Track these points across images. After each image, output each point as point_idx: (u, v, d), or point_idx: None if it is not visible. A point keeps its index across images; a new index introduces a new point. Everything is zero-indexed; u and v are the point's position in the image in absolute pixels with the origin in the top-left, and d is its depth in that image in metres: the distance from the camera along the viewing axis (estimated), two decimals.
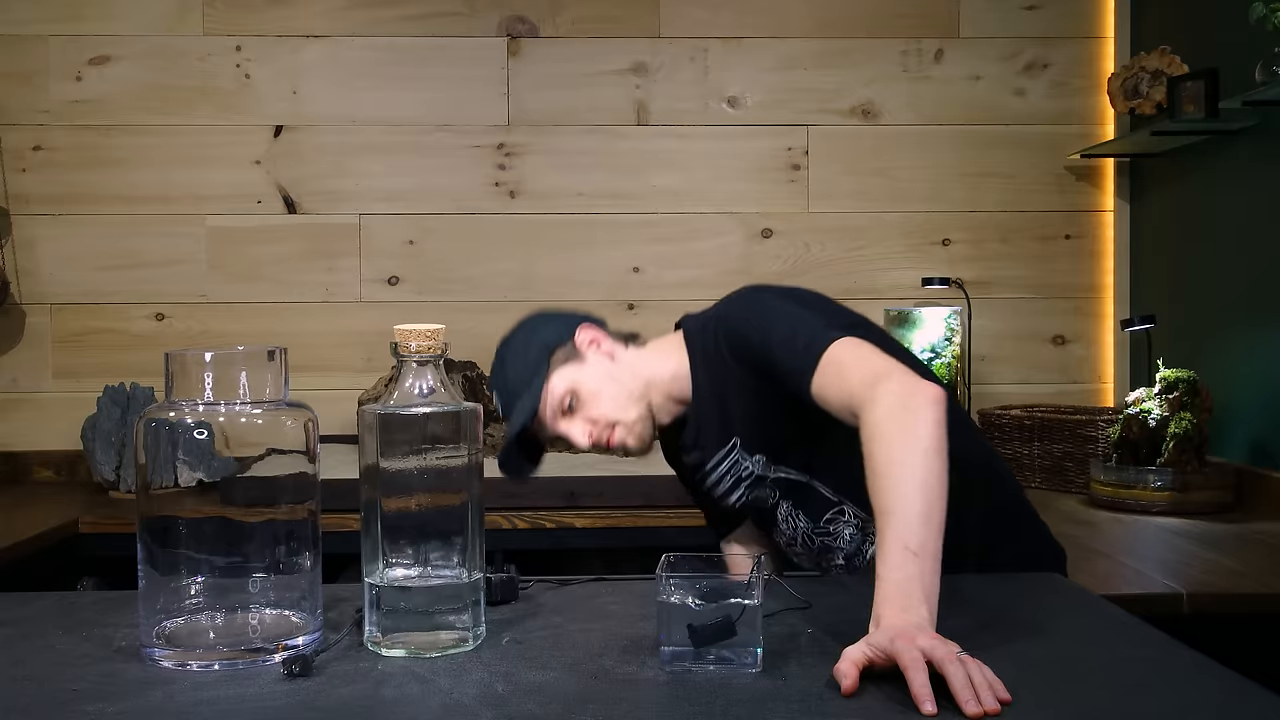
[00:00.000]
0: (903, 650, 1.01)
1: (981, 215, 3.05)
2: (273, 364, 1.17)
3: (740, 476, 1.58)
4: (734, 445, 1.56)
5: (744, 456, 1.56)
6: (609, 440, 1.54)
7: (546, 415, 1.54)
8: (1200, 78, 2.49)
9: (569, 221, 3.01)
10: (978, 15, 3.03)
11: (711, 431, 1.57)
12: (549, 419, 1.54)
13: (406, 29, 3.00)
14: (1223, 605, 1.72)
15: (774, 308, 1.49)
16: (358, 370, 2.98)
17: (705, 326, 1.55)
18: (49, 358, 2.96)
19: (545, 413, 1.54)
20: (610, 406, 1.53)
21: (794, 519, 1.59)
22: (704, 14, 3.02)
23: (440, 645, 1.14)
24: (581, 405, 1.53)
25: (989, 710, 0.96)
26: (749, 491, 1.58)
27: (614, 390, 1.54)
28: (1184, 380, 2.37)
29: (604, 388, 1.54)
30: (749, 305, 1.52)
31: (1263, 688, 1.02)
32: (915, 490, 1.18)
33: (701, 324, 1.57)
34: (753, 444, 1.55)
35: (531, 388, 1.53)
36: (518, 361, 1.57)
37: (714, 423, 1.56)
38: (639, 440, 1.55)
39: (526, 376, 1.54)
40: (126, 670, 1.10)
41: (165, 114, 2.97)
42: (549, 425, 1.55)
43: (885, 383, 1.29)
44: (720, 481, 1.60)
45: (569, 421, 1.54)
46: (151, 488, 1.13)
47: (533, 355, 1.56)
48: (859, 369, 1.35)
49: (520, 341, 1.60)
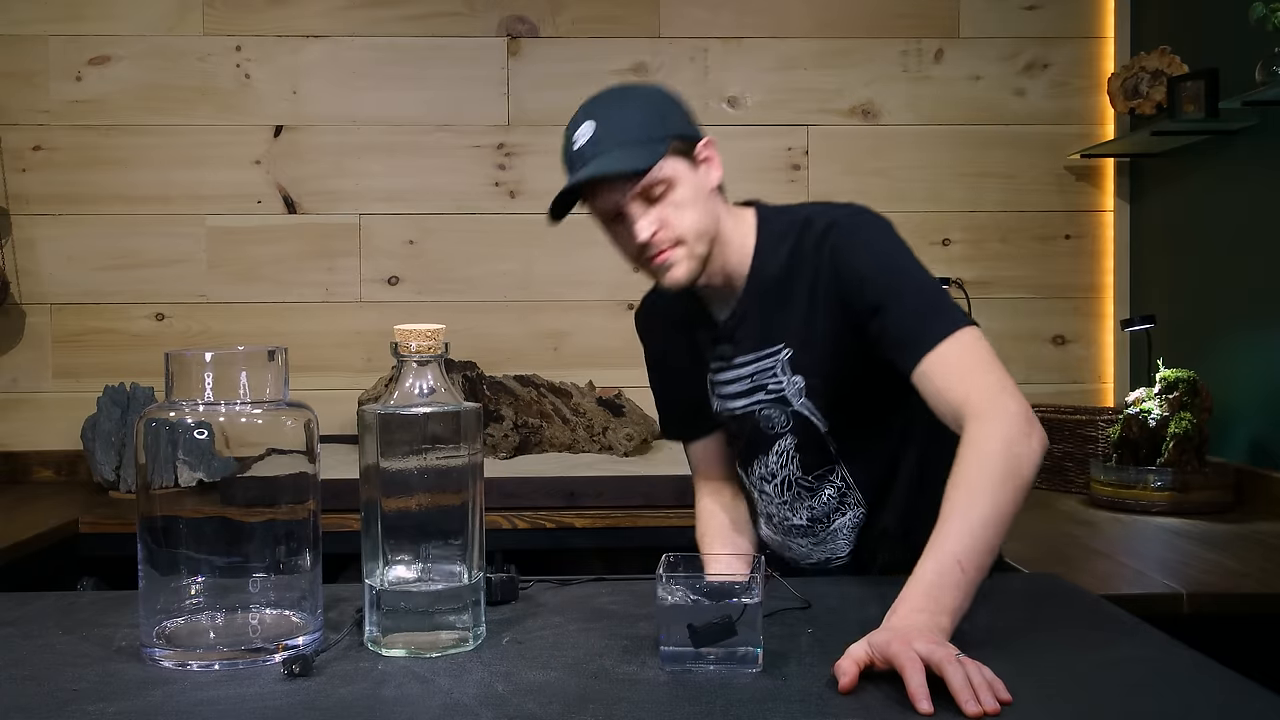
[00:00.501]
0: (899, 653, 1.01)
1: (981, 215, 3.05)
2: (273, 364, 1.17)
3: (764, 386, 1.49)
4: (779, 352, 1.47)
5: (784, 370, 1.47)
6: (663, 251, 1.41)
7: (629, 185, 1.38)
8: (1200, 78, 2.49)
9: (569, 221, 2.95)
10: (978, 15, 3.03)
11: (758, 328, 1.48)
12: (629, 186, 1.39)
13: (406, 29, 3.00)
14: (1223, 605, 1.72)
15: (901, 255, 1.40)
16: (358, 370, 2.99)
17: (808, 223, 1.44)
18: (49, 358, 2.96)
19: (629, 183, 1.38)
20: (688, 223, 1.40)
21: (789, 457, 1.52)
22: (704, 14, 3.02)
23: (440, 645, 1.14)
24: (664, 204, 1.40)
25: (989, 710, 0.96)
26: (763, 407, 1.50)
27: (699, 214, 1.41)
28: (1184, 380, 2.37)
29: (695, 205, 1.41)
30: (874, 234, 1.42)
31: (1263, 688, 1.02)
32: (989, 519, 1.17)
33: (800, 219, 1.46)
34: (801, 365, 1.46)
35: (646, 147, 1.37)
36: (641, 114, 1.40)
37: (767, 320, 1.47)
38: (686, 272, 1.43)
39: (641, 134, 1.39)
40: (126, 670, 1.10)
41: (165, 114, 2.97)
42: (623, 196, 1.39)
43: (1007, 403, 1.27)
44: (737, 381, 1.51)
45: (643, 207, 1.40)
46: (151, 488, 1.14)
47: (661, 121, 1.41)
48: (981, 374, 1.30)
49: (655, 100, 1.44)
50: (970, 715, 0.95)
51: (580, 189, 1.41)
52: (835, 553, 1.56)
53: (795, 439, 1.50)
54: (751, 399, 1.51)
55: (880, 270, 1.38)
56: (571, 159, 1.42)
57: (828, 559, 1.56)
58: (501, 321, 3.02)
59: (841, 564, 1.56)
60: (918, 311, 1.35)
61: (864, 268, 1.38)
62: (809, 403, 1.47)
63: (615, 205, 1.41)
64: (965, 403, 1.28)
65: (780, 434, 1.51)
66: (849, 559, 1.55)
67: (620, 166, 1.36)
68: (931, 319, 1.34)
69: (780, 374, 1.48)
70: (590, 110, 1.43)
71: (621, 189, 1.39)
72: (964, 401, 1.28)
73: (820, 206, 1.48)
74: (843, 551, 1.55)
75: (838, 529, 1.54)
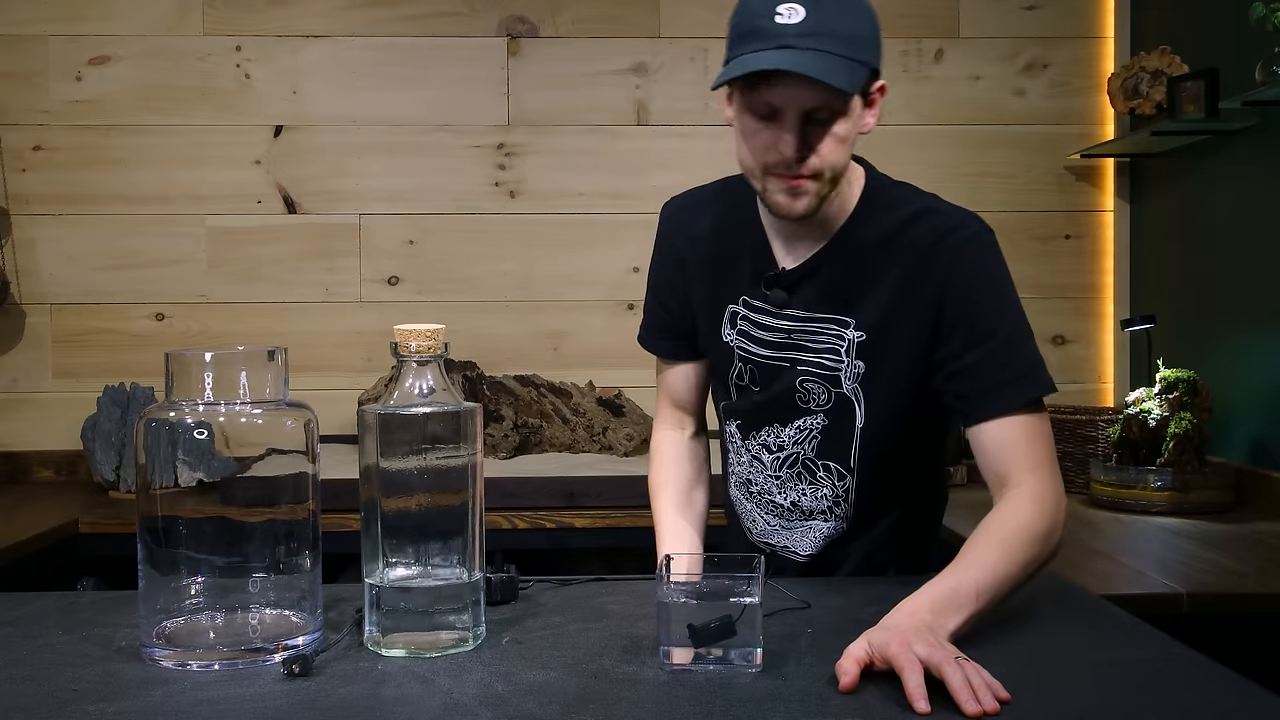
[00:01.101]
0: (897, 654, 1.02)
1: (981, 215, 3.04)
2: (273, 364, 1.17)
3: (807, 349, 1.40)
4: (846, 330, 1.38)
5: (848, 352, 1.38)
6: (800, 176, 1.29)
7: (815, 99, 1.25)
8: (1200, 78, 2.49)
9: (569, 221, 3.01)
10: (978, 15, 3.03)
11: (826, 290, 1.39)
12: (814, 100, 1.25)
13: (406, 29, 3.00)
14: (1223, 605, 1.72)
15: (1013, 295, 1.36)
16: (358, 370, 2.99)
17: (928, 213, 1.38)
18: (49, 358, 2.96)
19: (817, 97, 1.25)
20: (836, 160, 1.30)
21: (810, 438, 1.44)
22: (704, 14, 3.02)
23: (440, 645, 1.14)
24: (826, 131, 1.28)
25: (988, 710, 0.96)
26: (806, 379, 1.41)
27: (845, 154, 1.32)
28: (1184, 380, 2.37)
29: (847, 144, 1.31)
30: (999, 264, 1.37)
31: (1263, 688, 1.02)
32: (1017, 568, 1.21)
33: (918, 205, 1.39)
34: (868, 353, 1.38)
35: (853, 67, 1.24)
36: (860, 28, 1.27)
37: (839, 287, 1.38)
38: (807, 206, 1.32)
39: (854, 50, 1.25)
40: (126, 670, 1.10)
41: (165, 114, 2.97)
42: (799, 102, 1.25)
43: (1051, 482, 1.30)
44: (774, 331, 1.42)
45: (806, 124, 1.27)
46: (151, 488, 1.13)
47: (872, 44, 1.29)
48: (1037, 450, 1.31)
49: (873, 20, 1.31)
50: (970, 715, 0.95)
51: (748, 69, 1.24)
52: (795, 548, 1.51)
53: (826, 421, 1.42)
54: (780, 355, 1.42)
55: (995, 308, 1.34)
56: (765, 31, 1.24)
57: (785, 547, 1.52)
58: (501, 321, 3.02)
59: (798, 561, 1.51)
60: (1013, 368, 1.32)
61: (982, 296, 1.34)
62: (860, 389, 1.40)
63: (781, 106, 1.26)
64: (1013, 470, 1.30)
65: (814, 411, 1.43)
66: (807, 560, 1.51)
67: (829, 78, 1.21)
68: (1022, 381, 1.32)
69: (844, 353, 1.39)
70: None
71: (804, 96, 1.24)
72: (1010, 468, 1.30)
73: (940, 202, 1.41)
74: (804, 551, 1.51)
75: (811, 529, 1.50)
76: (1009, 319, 1.35)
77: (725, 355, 1.49)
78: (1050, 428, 1.36)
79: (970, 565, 1.18)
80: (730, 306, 1.47)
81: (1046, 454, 1.32)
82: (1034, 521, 1.25)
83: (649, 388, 1.76)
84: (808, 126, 1.28)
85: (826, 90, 1.23)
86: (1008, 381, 1.32)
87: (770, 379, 1.44)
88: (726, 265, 1.47)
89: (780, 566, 1.52)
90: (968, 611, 1.14)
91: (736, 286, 1.46)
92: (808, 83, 1.22)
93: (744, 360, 1.46)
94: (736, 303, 1.46)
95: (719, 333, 1.48)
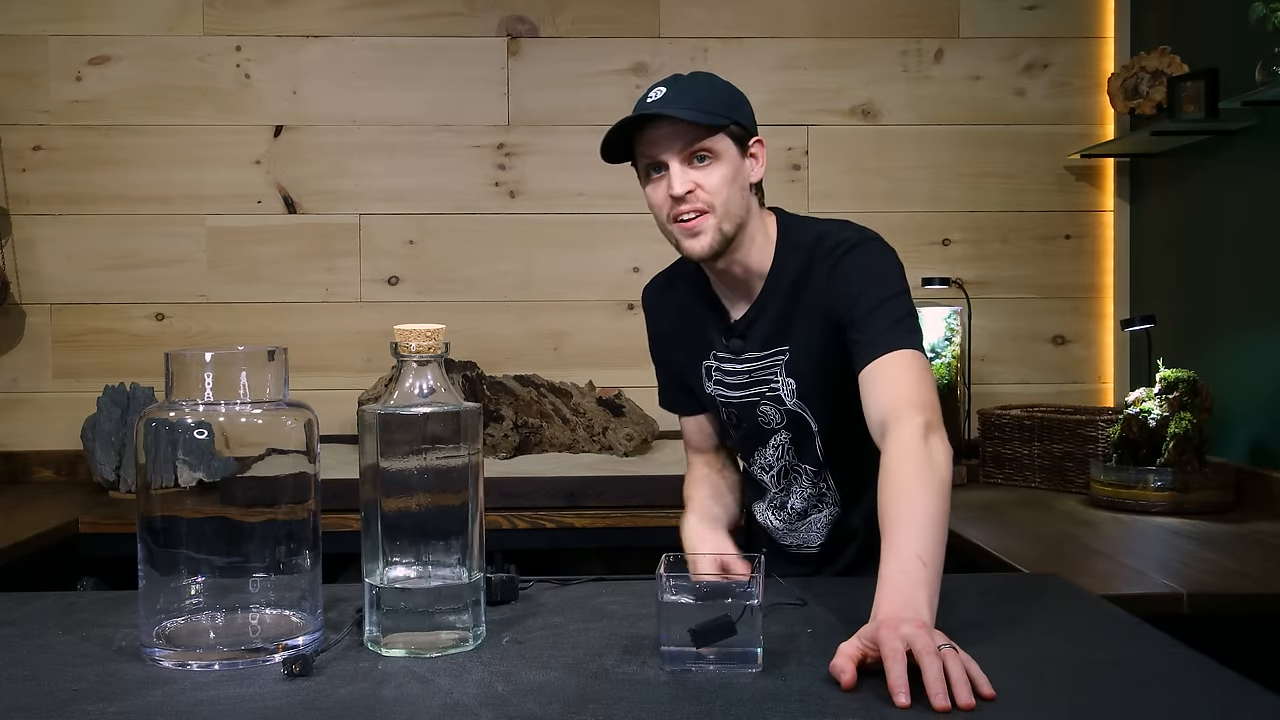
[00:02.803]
0: (886, 639, 1.03)
1: (981, 215, 3.05)
2: (273, 364, 1.17)
3: (765, 383, 1.58)
4: (780, 354, 1.56)
5: (781, 373, 1.56)
6: (692, 211, 1.47)
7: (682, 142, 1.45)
8: (1200, 78, 2.49)
9: (569, 221, 3.01)
10: (978, 15, 3.03)
11: (768, 329, 1.56)
12: (682, 143, 1.45)
13: (406, 29, 3.00)
14: (1223, 605, 1.72)
15: (894, 280, 1.48)
16: (358, 370, 2.99)
17: (822, 238, 1.53)
18: (49, 358, 2.96)
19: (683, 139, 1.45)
20: (722, 197, 1.47)
21: (785, 450, 1.63)
22: (704, 14, 3.02)
23: (440, 645, 1.14)
24: (705, 172, 1.46)
25: (962, 705, 0.96)
26: (761, 403, 1.59)
27: (733, 195, 1.48)
28: (1184, 380, 2.37)
29: (732, 186, 1.48)
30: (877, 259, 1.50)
31: (1263, 688, 1.02)
32: (933, 515, 1.22)
33: (816, 233, 1.54)
34: (795, 369, 1.55)
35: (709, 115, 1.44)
36: (713, 91, 1.48)
37: (775, 323, 1.55)
38: (709, 243, 1.48)
39: (708, 105, 1.45)
40: (126, 670, 1.10)
41: (165, 114, 2.97)
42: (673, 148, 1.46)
43: (927, 416, 1.33)
44: (737, 375, 1.60)
45: (685, 167, 1.46)
46: (151, 488, 1.14)
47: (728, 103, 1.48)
48: (916, 388, 1.37)
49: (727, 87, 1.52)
50: (936, 708, 0.96)
51: (634, 136, 1.48)
52: (808, 543, 1.69)
53: (790, 434, 1.61)
54: (747, 392, 1.60)
55: (871, 288, 1.46)
56: (637, 108, 1.48)
57: (801, 544, 1.70)
58: (501, 321, 3.02)
59: (813, 554, 1.70)
60: (886, 324, 1.43)
61: (860, 284, 1.47)
62: (801, 403, 1.58)
63: (662, 155, 1.46)
64: (892, 408, 1.36)
65: (776, 429, 1.61)
66: (818, 551, 1.69)
67: (684, 115, 1.42)
68: (896, 332, 1.42)
69: (778, 375, 1.57)
70: (669, 80, 1.50)
71: (673, 141, 1.45)
72: (890, 406, 1.36)
73: (836, 225, 1.56)
74: (815, 543, 1.68)
75: (812, 523, 1.67)
76: (888, 296, 1.46)
77: (713, 405, 1.69)
78: (929, 370, 1.43)
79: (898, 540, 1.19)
80: (705, 363, 1.65)
81: (920, 391, 1.37)
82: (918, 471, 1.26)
83: (649, 388, 1.82)
84: (689, 171, 1.46)
85: (687, 129, 1.44)
86: (882, 333, 1.42)
87: (743, 415, 1.64)
88: (696, 330, 1.66)
89: (800, 560, 1.70)
90: (927, 582, 1.14)
91: (706, 345, 1.64)
92: (669, 125, 1.44)
93: (724, 405, 1.65)
94: (709, 358, 1.64)
95: (703, 387, 1.67)
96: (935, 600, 1.14)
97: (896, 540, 1.19)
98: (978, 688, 0.99)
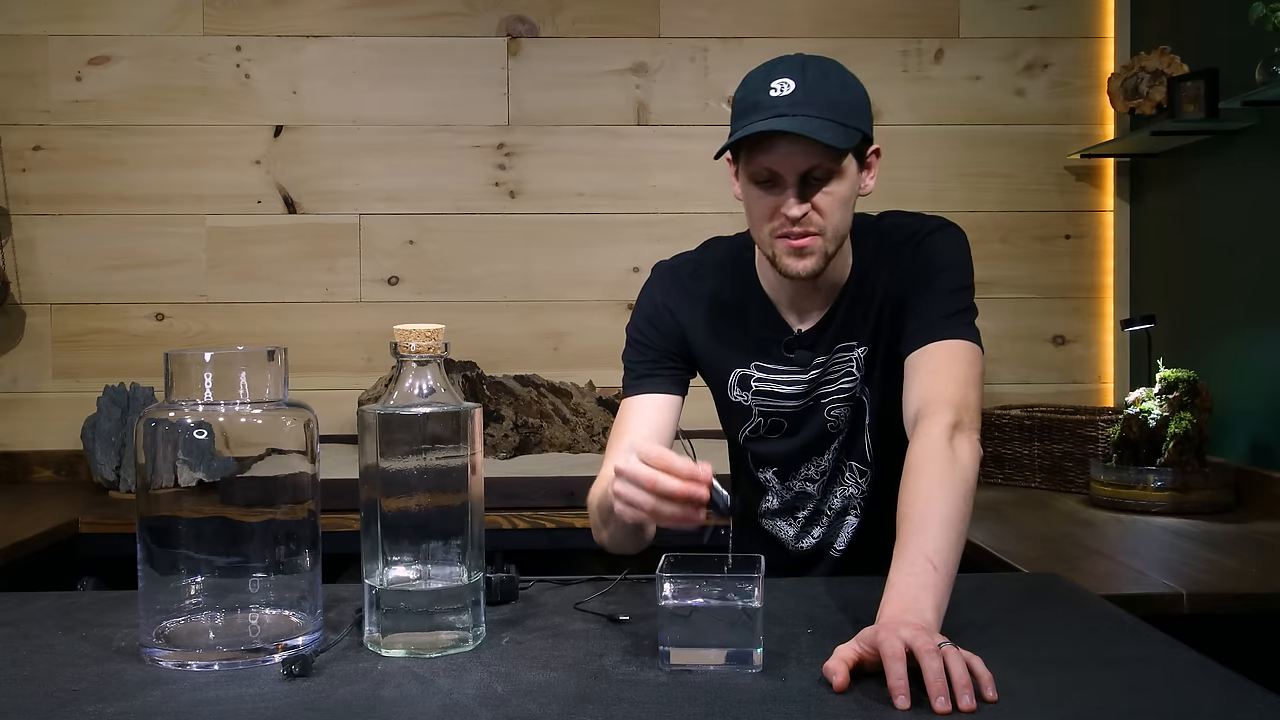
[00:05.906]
0: (885, 640, 1.02)
1: (981, 215, 3.05)
2: (273, 364, 1.17)
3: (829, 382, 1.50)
4: (848, 349, 1.50)
5: (858, 367, 1.49)
6: (805, 234, 1.37)
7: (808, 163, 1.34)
8: (1200, 78, 2.49)
9: (569, 221, 3.01)
10: (978, 15, 3.03)
11: (838, 328, 1.50)
12: (808, 164, 1.34)
13: (406, 29, 3.00)
14: (1223, 605, 1.72)
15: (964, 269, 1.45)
16: (358, 370, 2.99)
17: (897, 229, 1.48)
18: (49, 358, 2.96)
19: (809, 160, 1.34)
20: (836, 220, 1.39)
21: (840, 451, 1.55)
22: (704, 14, 3.02)
23: (440, 645, 1.14)
24: (824, 191, 1.37)
25: (963, 708, 0.95)
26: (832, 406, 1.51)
27: (846, 215, 1.41)
28: (1184, 380, 2.37)
29: (847, 206, 1.40)
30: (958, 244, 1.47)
31: (1263, 688, 1.02)
32: (950, 518, 1.19)
33: (890, 224, 1.50)
34: (870, 361, 1.49)
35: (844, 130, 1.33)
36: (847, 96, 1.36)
37: (846, 320, 1.49)
38: (814, 265, 1.39)
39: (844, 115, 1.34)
40: (126, 670, 1.10)
41: (165, 114, 2.97)
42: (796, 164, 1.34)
43: (957, 414, 1.29)
44: (794, 384, 1.51)
45: (803, 184, 1.36)
46: (151, 488, 1.14)
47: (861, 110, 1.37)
48: (956, 383, 1.34)
49: (860, 89, 1.39)
50: (936, 710, 0.95)
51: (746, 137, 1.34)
52: (833, 542, 1.61)
53: (848, 432, 1.54)
54: (808, 399, 1.53)
55: (939, 273, 1.43)
56: (761, 104, 1.34)
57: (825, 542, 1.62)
58: (501, 321, 3.02)
59: (835, 558, 1.62)
60: (945, 311, 1.40)
61: (931, 266, 1.44)
62: (865, 388, 1.52)
63: (779, 170, 1.36)
64: (932, 399, 1.32)
65: (841, 431, 1.54)
66: (840, 555, 1.61)
67: (821, 136, 1.30)
68: (954, 323, 1.39)
69: (854, 371, 1.51)
70: (795, 68, 1.35)
71: (798, 160, 1.34)
72: (929, 397, 1.33)
73: (911, 216, 1.52)
74: (839, 546, 1.61)
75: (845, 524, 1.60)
76: (953, 275, 1.43)
77: (737, 413, 1.58)
78: (979, 367, 1.39)
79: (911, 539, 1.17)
80: (739, 370, 1.55)
81: (966, 389, 1.34)
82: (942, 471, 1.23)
83: None
84: (806, 188, 1.36)
85: (818, 149, 1.32)
86: (939, 319, 1.39)
87: (800, 422, 1.55)
88: (729, 330, 1.55)
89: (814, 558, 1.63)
90: (935, 586, 1.12)
91: (745, 351, 1.54)
92: (801, 143, 1.32)
93: (765, 414, 1.55)
94: (747, 366, 1.54)
95: (725, 393, 1.57)
96: (944, 605, 1.12)
97: (909, 542, 1.17)
98: (981, 688, 0.98)
